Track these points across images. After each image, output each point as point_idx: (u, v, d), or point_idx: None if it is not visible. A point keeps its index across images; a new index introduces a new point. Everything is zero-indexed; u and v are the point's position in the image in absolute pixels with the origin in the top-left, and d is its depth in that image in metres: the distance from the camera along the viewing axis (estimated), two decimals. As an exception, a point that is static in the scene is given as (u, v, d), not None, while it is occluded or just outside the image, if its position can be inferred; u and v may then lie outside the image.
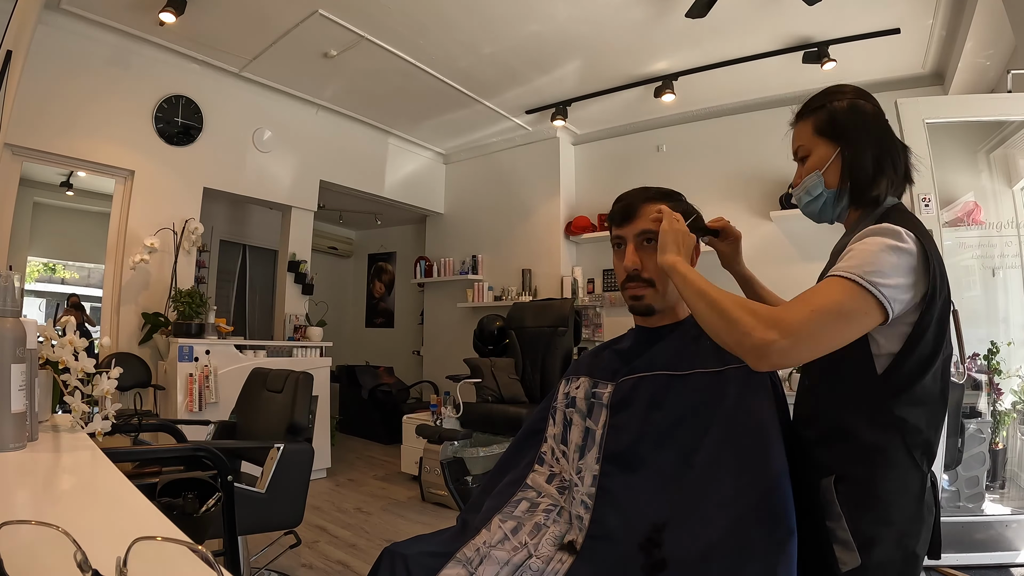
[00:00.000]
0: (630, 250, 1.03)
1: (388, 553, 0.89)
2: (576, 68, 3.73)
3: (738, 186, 4.12)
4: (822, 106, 0.94)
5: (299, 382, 2.07)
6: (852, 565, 0.79)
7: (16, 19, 2.07)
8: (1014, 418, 2.66)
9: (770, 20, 3.07)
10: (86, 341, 1.07)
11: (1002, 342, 2.70)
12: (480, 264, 5.04)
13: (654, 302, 1.03)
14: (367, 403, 5.36)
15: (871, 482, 0.81)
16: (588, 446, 1.00)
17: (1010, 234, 2.86)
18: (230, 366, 3.35)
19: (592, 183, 4.81)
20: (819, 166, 0.94)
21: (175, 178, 3.52)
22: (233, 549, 1.40)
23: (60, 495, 0.73)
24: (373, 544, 2.68)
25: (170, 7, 2.84)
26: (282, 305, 4.21)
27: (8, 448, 0.82)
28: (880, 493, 0.81)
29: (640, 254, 1.02)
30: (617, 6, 2.99)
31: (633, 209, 1.04)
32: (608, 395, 1.02)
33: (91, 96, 3.17)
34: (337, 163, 4.49)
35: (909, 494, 0.81)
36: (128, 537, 0.37)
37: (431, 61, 3.63)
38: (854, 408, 0.85)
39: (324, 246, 6.23)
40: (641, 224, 1.03)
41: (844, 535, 0.80)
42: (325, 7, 3.03)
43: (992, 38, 2.72)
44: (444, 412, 3.65)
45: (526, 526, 0.97)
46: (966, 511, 2.50)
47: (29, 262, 4.53)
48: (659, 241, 0.95)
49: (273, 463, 1.75)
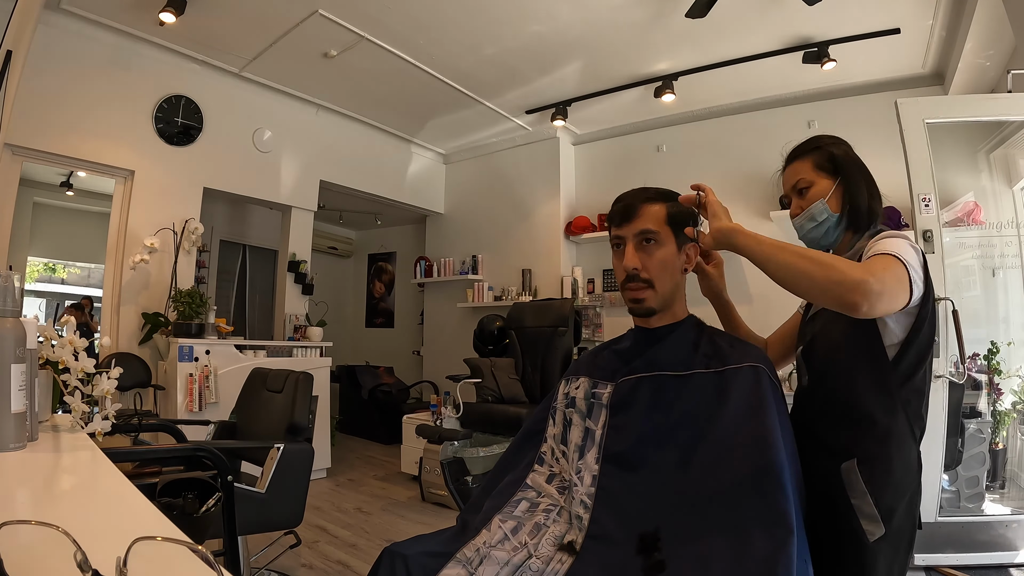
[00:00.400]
0: (630, 250, 1.03)
1: (388, 553, 0.89)
2: (576, 68, 3.73)
3: (738, 186, 4.12)
4: (818, 147, 1.08)
5: (299, 382, 2.07)
6: (879, 534, 0.90)
7: (16, 19, 2.07)
8: (1014, 418, 2.66)
9: (770, 20, 3.07)
10: (86, 341, 1.07)
11: (1002, 342, 2.70)
12: (480, 264, 5.04)
13: (654, 304, 1.03)
14: (367, 403, 5.35)
15: (889, 460, 0.93)
16: (588, 446, 1.00)
17: (1010, 234, 2.86)
18: (230, 366, 3.35)
19: (592, 183, 4.81)
20: (822, 196, 1.06)
21: (175, 178, 3.52)
22: (233, 549, 1.40)
23: (60, 495, 0.73)
24: (373, 544, 2.68)
25: (170, 7, 2.84)
26: (282, 305, 4.21)
27: (8, 448, 0.82)
28: (895, 469, 0.93)
29: (640, 254, 1.02)
30: (617, 6, 2.99)
31: (632, 210, 1.03)
32: (608, 395, 1.02)
33: (91, 96, 3.17)
34: (337, 163, 4.49)
35: (913, 468, 0.95)
36: (128, 537, 0.37)
37: (431, 61, 3.63)
38: (872, 395, 0.95)
39: (324, 246, 6.23)
40: (640, 224, 1.02)
41: (870, 510, 0.91)
42: (325, 7, 3.03)
43: (992, 38, 2.72)
44: (444, 412, 3.65)
45: (526, 526, 0.97)
46: (966, 511, 2.50)
47: (29, 262, 4.53)
48: (709, 211, 1.00)
49: (273, 463, 1.75)
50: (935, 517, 2.27)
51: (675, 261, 1.04)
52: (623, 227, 1.04)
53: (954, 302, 2.28)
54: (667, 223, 1.03)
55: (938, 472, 2.28)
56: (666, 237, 1.03)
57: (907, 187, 2.41)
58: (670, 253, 1.03)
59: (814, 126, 3.90)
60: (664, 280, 1.02)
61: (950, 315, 2.27)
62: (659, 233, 1.02)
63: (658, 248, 1.02)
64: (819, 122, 3.88)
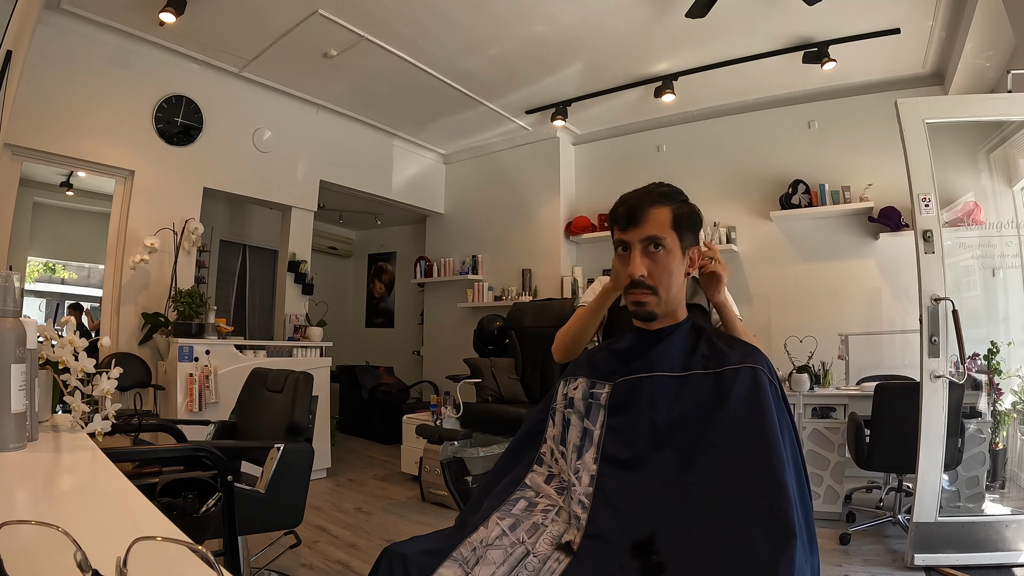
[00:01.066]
0: (636, 257, 1.01)
1: (388, 553, 0.89)
2: (576, 68, 3.73)
3: (738, 186, 4.12)
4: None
5: (299, 382, 2.07)
6: None
7: (16, 19, 2.07)
8: (1014, 418, 2.66)
9: (770, 20, 3.07)
10: (86, 341, 1.07)
11: (1002, 342, 2.70)
12: (480, 264, 5.04)
13: (657, 309, 1.03)
14: (367, 403, 5.35)
15: None
16: (586, 446, 1.00)
17: (1010, 234, 2.86)
18: (230, 366, 3.35)
19: (592, 183, 4.81)
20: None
21: (175, 178, 3.52)
22: (233, 549, 1.40)
23: (60, 495, 0.73)
24: (373, 544, 2.68)
25: (170, 7, 2.84)
26: (282, 305, 4.21)
27: (8, 448, 0.82)
28: None
29: (646, 260, 1.01)
30: (617, 6, 2.99)
31: (638, 213, 1.01)
32: (606, 396, 1.02)
33: (91, 96, 3.17)
34: (337, 163, 4.49)
35: None
36: (128, 537, 0.37)
37: (431, 61, 3.63)
38: None
39: (324, 246, 6.23)
40: (647, 230, 1.00)
41: None
42: (325, 7, 3.03)
43: (992, 38, 2.73)
44: (444, 412, 3.65)
45: (524, 524, 0.97)
46: (966, 511, 2.50)
47: (29, 262, 4.53)
48: (717, 281, 1.13)
49: (273, 463, 1.74)
50: (935, 517, 2.27)
51: (680, 266, 1.03)
52: (628, 231, 1.02)
53: (954, 302, 2.28)
54: (672, 228, 1.01)
55: (938, 472, 2.28)
56: (672, 243, 1.01)
57: (907, 187, 2.41)
58: (676, 259, 1.02)
59: (814, 126, 3.90)
60: (669, 286, 1.02)
61: (950, 315, 2.27)
62: (665, 240, 1.00)
63: (664, 255, 1.01)
64: (819, 122, 3.89)
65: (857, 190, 3.64)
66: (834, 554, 2.48)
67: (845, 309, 3.68)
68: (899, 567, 2.32)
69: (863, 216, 3.67)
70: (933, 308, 2.30)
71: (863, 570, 2.32)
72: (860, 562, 2.40)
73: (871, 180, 3.59)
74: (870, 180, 3.59)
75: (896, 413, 2.54)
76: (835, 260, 3.78)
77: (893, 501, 2.77)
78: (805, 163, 3.89)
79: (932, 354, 2.30)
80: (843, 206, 3.65)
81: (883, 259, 3.64)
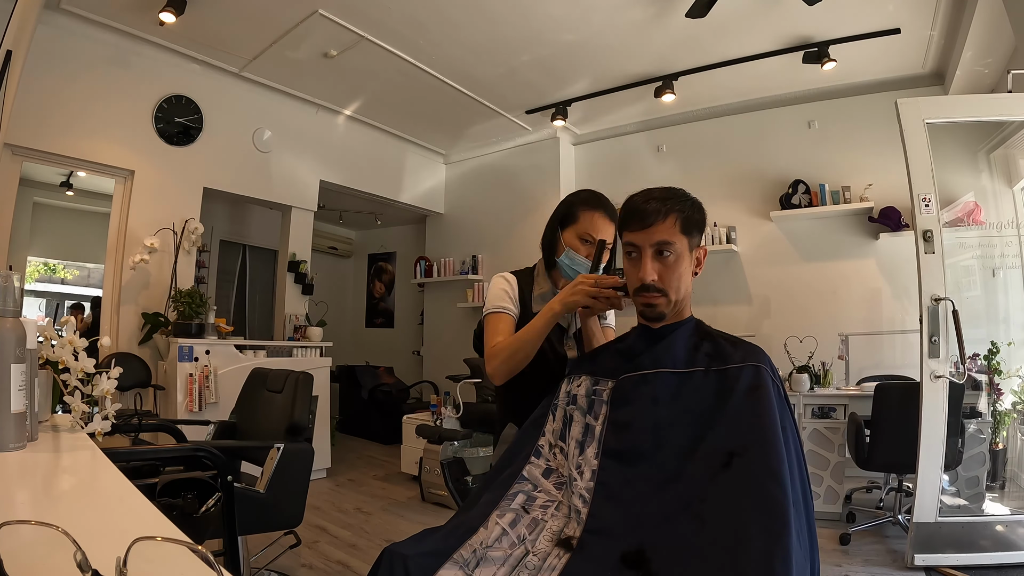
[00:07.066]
0: (647, 261, 1.01)
1: (388, 553, 0.89)
2: (576, 68, 3.72)
3: (738, 186, 4.12)
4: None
5: (299, 382, 2.07)
6: None
7: (16, 19, 2.07)
8: (1014, 418, 2.66)
9: (770, 20, 3.07)
10: (86, 341, 1.07)
11: (1002, 342, 2.70)
12: (480, 264, 5.04)
13: (666, 310, 1.04)
14: (367, 403, 5.35)
15: None
16: (588, 441, 1.01)
17: (1010, 234, 2.87)
18: (230, 366, 3.35)
19: (592, 183, 4.74)
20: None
21: (175, 178, 3.52)
22: (233, 549, 1.40)
23: (60, 495, 0.73)
24: (373, 544, 2.68)
25: (170, 7, 2.84)
26: (282, 305, 4.21)
27: (8, 448, 0.82)
28: None
29: (657, 264, 1.01)
30: (617, 6, 2.98)
31: (649, 217, 1.01)
32: (609, 392, 1.03)
33: (91, 96, 3.17)
34: (337, 163, 4.49)
35: None
36: (128, 537, 0.37)
37: (431, 61, 3.62)
38: None
39: (324, 246, 6.23)
40: (658, 235, 1.00)
41: None
42: (325, 7, 3.03)
43: (992, 39, 2.73)
44: (444, 412, 3.65)
45: (523, 520, 0.97)
46: (966, 511, 2.50)
47: (29, 262, 4.53)
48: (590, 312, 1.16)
49: (273, 463, 1.74)
50: (935, 517, 2.27)
51: (688, 267, 1.04)
52: (638, 234, 1.03)
53: (954, 302, 2.27)
54: (682, 232, 1.02)
55: (938, 472, 2.28)
56: (682, 247, 1.02)
57: (907, 187, 2.41)
58: (685, 262, 1.03)
59: (814, 126, 3.90)
60: (678, 288, 1.02)
61: (950, 315, 2.26)
62: (675, 244, 1.01)
63: (675, 259, 1.02)
64: (819, 122, 3.89)
65: (857, 190, 3.64)
66: (834, 554, 2.48)
67: (845, 309, 3.68)
68: (899, 567, 2.32)
69: (863, 216, 3.67)
70: (933, 308, 2.30)
71: (863, 570, 2.32)
72: (860, 562, 2.40)
73: (871, 180, 3.59)
74: (870, 180, 3.59)
75: (896, 413, 2.54)
76: (835, 260, 3.78)
77: (893, 501, 2.77)
78: (805, 163, 3.89)
79: (932, 354, 2.30)
80: (843, 206, 3.65)
81: (883, 259, 3.64)
